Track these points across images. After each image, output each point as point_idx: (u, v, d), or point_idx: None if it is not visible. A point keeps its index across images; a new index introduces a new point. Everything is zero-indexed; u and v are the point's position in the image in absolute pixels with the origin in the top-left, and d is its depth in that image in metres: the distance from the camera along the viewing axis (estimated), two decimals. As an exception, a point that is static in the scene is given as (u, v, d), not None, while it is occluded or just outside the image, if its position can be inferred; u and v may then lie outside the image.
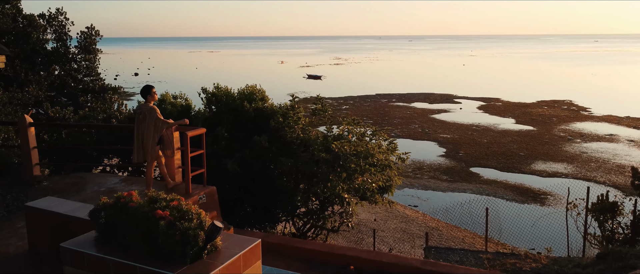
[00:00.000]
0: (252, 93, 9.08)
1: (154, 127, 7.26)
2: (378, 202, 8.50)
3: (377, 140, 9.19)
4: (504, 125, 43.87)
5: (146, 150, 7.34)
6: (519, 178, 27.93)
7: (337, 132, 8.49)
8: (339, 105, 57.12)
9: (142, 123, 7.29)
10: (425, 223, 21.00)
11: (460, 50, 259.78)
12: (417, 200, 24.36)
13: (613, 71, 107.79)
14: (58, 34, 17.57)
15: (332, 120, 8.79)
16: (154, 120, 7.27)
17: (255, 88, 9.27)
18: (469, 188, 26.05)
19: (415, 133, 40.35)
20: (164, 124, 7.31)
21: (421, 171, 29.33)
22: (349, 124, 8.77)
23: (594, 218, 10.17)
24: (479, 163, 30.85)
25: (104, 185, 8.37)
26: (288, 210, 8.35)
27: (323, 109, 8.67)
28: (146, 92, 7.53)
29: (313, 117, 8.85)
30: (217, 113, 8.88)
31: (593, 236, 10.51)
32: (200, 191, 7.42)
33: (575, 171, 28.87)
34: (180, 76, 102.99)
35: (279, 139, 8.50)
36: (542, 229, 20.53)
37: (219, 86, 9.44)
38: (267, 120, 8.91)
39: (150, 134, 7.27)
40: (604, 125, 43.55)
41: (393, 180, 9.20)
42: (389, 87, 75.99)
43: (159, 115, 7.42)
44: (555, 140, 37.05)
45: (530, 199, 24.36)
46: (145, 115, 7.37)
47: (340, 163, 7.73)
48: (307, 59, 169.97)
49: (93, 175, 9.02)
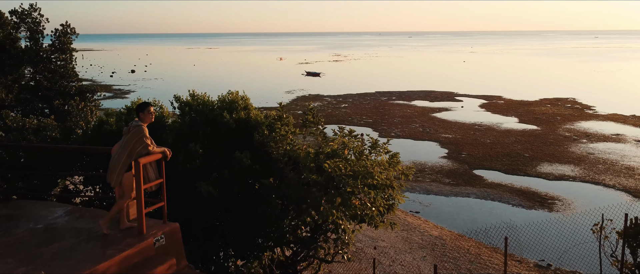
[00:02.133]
0: (233, 101, 7.84)
1: (131, 148, 6.16)
2: (379, 226, 7.37)
3: (377, 153, 8.02)
4: (507, 124, 42.73)
5: (112, 171, 6.24)
6: (524, 181, 26.80)
7: (330, 147, 7.31)
8: (337, 103, 55.95)
9: (123, 140, 6.25)
10: (427, 232, 19.88)
11: (460, 46, 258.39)
12: (418, 205, 23.24)
13: (615, 68, 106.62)
14: (31, 32, 16.26)
15: (325, 135, 7.58)
16: (136, 141, 6.14)
17: (238, 95, 8.07)
18: (473, 192, 24.93)
19: (416, 133, 39.21)
20: (144, 148, 6.17)
21: (423, 173, 28.19)
22: (345, 137, 7.58)
23: (627, 245, 9.00)
24: (482, 165, 29.72)
25: (43, 220, 7.02)
26: (274, 239, 7.20)
27: (314, 121, 7.48)
28: (141, 109, 6.41)
29: (304, 129, 7.64)
30: (192, 125, 7.69)
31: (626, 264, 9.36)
32: (158, 230, 6.23)
33: (582, 174, 27.74)
34: (177, 73, 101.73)
35: (264, 155, 7.34)
36: (554, 238, 19.41)
37: (195, 94, 8.22)
38: (250, 133, 7.73)
39: (123, 155, 6.18)
40: (609, 124, 42.42)
41: (396, 198, 8.04)
42: (388, 84, 74.79)
43: (146, 137, 6.25)
44: (561, 140, 35.92)
45: (537, 204, 23.23)
46: (129, 131, 6.28)
47: (333, 184, 6.59)
48: (306, 56, 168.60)
49: (35, 204, 7.60)
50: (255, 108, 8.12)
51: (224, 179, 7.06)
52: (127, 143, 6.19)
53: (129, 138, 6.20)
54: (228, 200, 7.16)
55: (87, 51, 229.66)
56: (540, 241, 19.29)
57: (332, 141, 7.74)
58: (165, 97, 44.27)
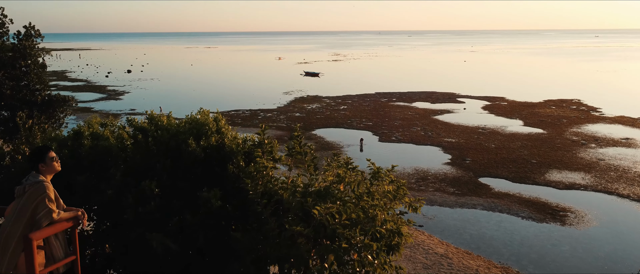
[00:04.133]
0: (202, 124, 6.31)
1: (29, 216, 4.46)
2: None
3: (379, 183, 6.55)
4: (511, 127, 41.26)
5: (1, 252, 4.41)
6: (533, 190, 25.35)
7: (322, 182, 5.83)
8: (337, 104, 54.46)
9: (15, 204, 4.55)
10: (432, 249, 18.41)
11: (460, 45, 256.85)
12: (421, 218, 21.75)
13: (618, 68, 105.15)
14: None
15: (316, 163, 6.06)
16: (35, 205, 4.49)
17: (208, 116, 6.52)
18: (479, 203, 23.47)
19: (417, 137, 37.74)
20: (46, 216, 4.47)
21: (425, 182, 26.73)
22: (341, 167, 6.11)
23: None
24: (488, 173, 28.25)
25: None
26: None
27: (301, 151, 5.97)
28: (39, 158, 4.70)
29: (289, 158, 6.13)
30: (147, 156, 6.15)
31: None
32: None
33: (594, 182, 26.28)
34: (174, 73, 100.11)
35: (239, 193, 5.85)
36: (570, 256, 17.99)
37: (153, 115, 6.65)
38: (223, 164, 6.23)
39: (17, 226, 4.45)
40: (617, 127, 40.96)
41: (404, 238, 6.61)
42: (389, 84, 73.28)
43: (49, 199, 4.56)
44: (568, 145, 34.46)
45: (549, 216, 21.76)
46: (25, 191, 4.55)
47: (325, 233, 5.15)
48: (305, 55, 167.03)
49: None
50: (233, 129, 6.61)
51: (186, 226, 5.58)
52: (22, 209, 4.43)
53: (24, 202, 4.46)
54: (191, 254, 5.66)
55: (85, 50, 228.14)
56: (555, 259, 17.84)
57: (326, 169, 6.27)
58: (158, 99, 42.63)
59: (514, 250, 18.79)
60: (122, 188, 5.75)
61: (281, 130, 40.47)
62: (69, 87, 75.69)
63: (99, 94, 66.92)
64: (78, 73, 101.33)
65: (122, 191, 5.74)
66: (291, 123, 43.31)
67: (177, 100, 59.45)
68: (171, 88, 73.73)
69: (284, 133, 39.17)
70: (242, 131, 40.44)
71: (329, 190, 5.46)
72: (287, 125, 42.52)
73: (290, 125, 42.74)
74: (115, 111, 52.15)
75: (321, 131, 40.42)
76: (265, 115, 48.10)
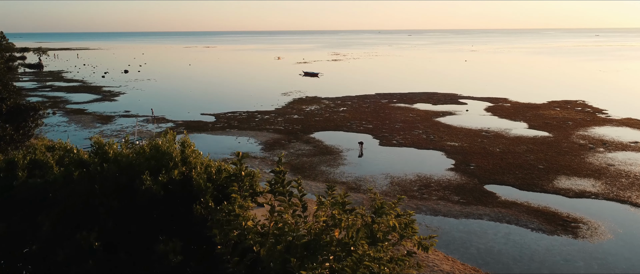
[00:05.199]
0: (163, 154, 5.02)
1: None
2: None
3: (383, 221, 5.33)
4: (516, 130, 39.99)
5: None
6: (542, 198, 24.10)
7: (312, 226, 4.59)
8: (336, 106, 53.17)
9: None
10: (437, 266, 17.17)
11: (460, 44, 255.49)
12: (425, 229, 20.49)
13: (620, 67, 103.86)
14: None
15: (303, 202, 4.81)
16: None
17: (173, 143, 5.21)
18: (485, 213, 22.22)
19: (419, 141, 36.46)
20: None
21: (428, 189, 25.48)
22: (336, 207, 4.88)
23: None
24: (494, 179, 27.00)
25: None
26: None
27: (282, 190, 4.67)
28: None
29: (271, 196, 4.85)
30: (88, 198, 4.88)
31: None
32: None
33: (605, 190, 25.04)
34: (172, 73, 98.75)
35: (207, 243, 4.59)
36: None
37: (101, 142, 5.34)
38: (188, 204, 4.96)
39: None
40: (625, 129, 39.70)
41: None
42: (389, 85, 71.98)
43: None
44: (576, 149, 33.20)
45: (560, 228, 20.52)
46: None
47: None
48: (305, 55, 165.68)
49: None
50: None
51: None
52: None
53: None
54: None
55: (83, 50, 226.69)
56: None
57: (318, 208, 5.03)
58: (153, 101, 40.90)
59: (525, 266, 17.56)
60: (51, 241, 4.50)
61: (278, 133, 39.19)
62: (63, 88, 74.37)
63: (94, 95, 65.61)
64: (74, 74, 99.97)
65: (51, 245, 4.49)
66: (289, 126, 42.02)
67: (173, 102, 58.16)
68: (168, 89, 72.38)
69: (282, 137, 37.90)
70: (237, 134, 39.20)
71: (320, 240, 4.23)
72: (284, 128, 41.25)
73: (288, 127, 41.46)
74: (109, 113, 50.86)
75: (320, 134, 39.13)
76: (263, 116, 46.80)
